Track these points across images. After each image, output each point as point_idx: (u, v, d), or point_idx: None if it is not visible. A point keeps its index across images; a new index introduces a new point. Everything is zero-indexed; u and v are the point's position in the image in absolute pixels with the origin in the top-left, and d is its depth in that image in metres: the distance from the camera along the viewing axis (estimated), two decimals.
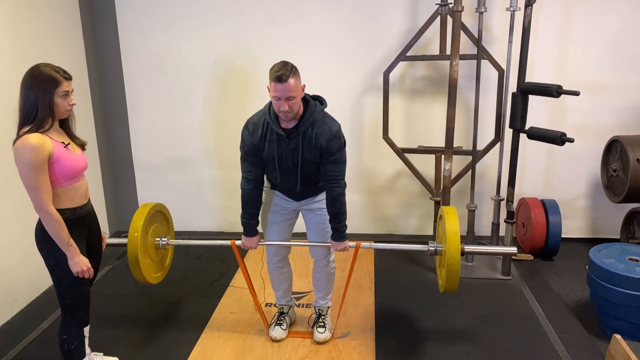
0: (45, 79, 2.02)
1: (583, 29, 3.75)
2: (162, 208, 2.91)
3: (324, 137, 2.36)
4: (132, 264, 2.63)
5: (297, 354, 2.73)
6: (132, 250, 2.60)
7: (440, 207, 2.69)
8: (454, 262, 2.42)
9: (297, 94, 2.26)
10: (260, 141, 2.42)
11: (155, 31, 4.05)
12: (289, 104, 2.25)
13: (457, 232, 2.44)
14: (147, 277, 2.70)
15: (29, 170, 1.99)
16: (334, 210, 2.52)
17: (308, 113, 2.37)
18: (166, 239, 2.84)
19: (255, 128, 2.42)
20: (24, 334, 3.00)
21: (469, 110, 3.88)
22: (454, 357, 2.69)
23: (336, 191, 2.46)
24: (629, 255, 2.84)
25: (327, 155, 2.40)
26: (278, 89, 2.22)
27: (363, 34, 3.92)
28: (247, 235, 2.66)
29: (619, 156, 3.56)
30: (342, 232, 2.57)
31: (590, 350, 2.73)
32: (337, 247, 2.60)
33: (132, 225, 2.63)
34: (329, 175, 2.44)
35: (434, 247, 2.65)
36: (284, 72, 2.21)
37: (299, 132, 2.37)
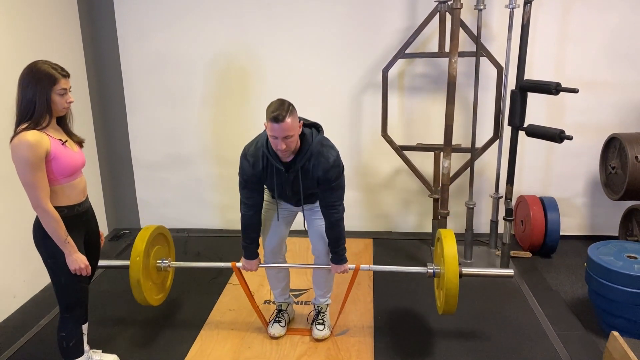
0: (42, 76, 2.01)
1: (582, 26, 3.75)
2: (164, 230, 2.95)
3: (321, 168, 2.39)
4: (135, 288, 2.67)
5: (295, 351, 2.73)
6: (135, 274, 2.64)
7: (438, 230, 2.75)
8: (452, 287, 2.48)
9: (294, 132, 2.26)
10: (261, 172, 2.45)
11: (154, 28, 4.04)
12: (287, 143, 2.26)
13: (456, 257, 2.51)
14: (149, 300, 2.74)
15: (26, 168, 1.98)
16: (333, 235, 2.57)
17: (305, 147, 2.38)
18: (167, 261, 2.88)
19: (256, 160, 2.43)
20: (22, 331, 3.00)
21: (468, 107, 3.88)
22: (453, 355, 2.69)
23: (335, 217, 2.50)
24: (627, 253, 2.85)
25: (325, 184, 2.43)
26: (275, 129, 2.22)
27: (362, 31, 3.91)
28: (247, 259, 2.71)
29: (617, 154, 3.56)
30: (342, 255, 2.63)
31: (589, 348, 2.74)
32: (336, 270, 2.66)
33: (134, 249, 2.67)
34: (327, 201, 2.48)
35: (432, 270, 2.71)
36: (280, 113, 2.20)
37: (297, 167, 2.40)
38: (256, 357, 2.68)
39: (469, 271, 2.67)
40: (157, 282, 2.85)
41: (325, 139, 2.46)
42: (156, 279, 2.84)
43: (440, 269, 2.66)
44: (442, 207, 3.57)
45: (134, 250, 2.66)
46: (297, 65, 4.01)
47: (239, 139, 4.26)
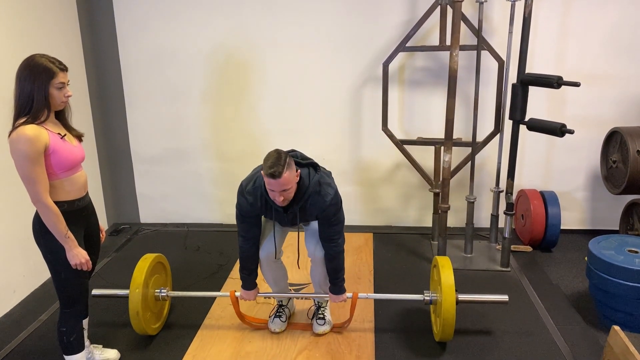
0: (40, 70, 2.00)
1: (583, 20, 3.73)
2: (162, 259, 2.97)
3: (318, 207, 2.41)
4: (134, 319, 2.68)
5: (296, 346, 2.73)
6: (134, 307, 2.65)
7: (434, 257, 2.79)
8: (449, 316, 2.52)
9: (291, 185, 2.27)
10: (260, 209, 2.47)
11: (153, 22, 4.01)
12: (284, 195, 2.28)
13: (452, 286, 2.55)
14: (147, 330, 2.75)
15: (25, 162, 1.97)
16: (332, 266, 2.60)
17: (302, 190, 2.38)
18: (165, 290, 2.89)
19: (254, 200, 2.43)
20: (22, 326, 3.00)
21: (469, 101, 3.87)
22: (453, 348, 2.70)
23: (334, 250, 2.53)
24: (628, 247, 2.84)
25: (324, 220, 2.47)
26: (272, 184, 2.23)
27: (362, 25, 3.89)
28: (246, 289, 2.74)
29: (618, 147, 3.55)
30: (341, 286, 2.68)
31: (589, 342, 2.74)
32: (335, 299, 2.71)
33: (132, 281, 2.68)
34: (326, 235, 2.51)
35: (429, 297, 2.76)
36: (276, 169, 2.18)
37: (295, 210, 2.42)
38: (257, 352, 2.68)
39: (465, 298, 2.72)
40: (155, 312, 2.87)
41: (323, 177, 2.46)
42: (154, 309, 2.85)
43: (437, 296, 2.71)
44: (443, 201, 3.56)
45: (132, 283, 2.68)
46: (297, 59, 3.99)
47: (239, 133, 4.29)
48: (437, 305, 2.72)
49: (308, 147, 2.89)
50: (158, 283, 2.89)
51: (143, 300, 2.67)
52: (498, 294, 2.85)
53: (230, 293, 2.80)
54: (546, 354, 2.64)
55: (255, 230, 2.57)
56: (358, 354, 2.66)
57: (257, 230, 2.57)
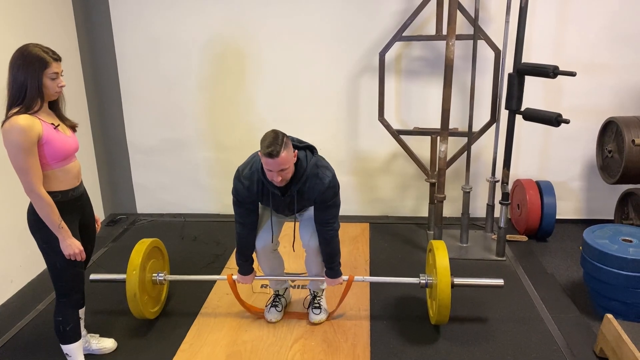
0: (34, 59, 1.99)
1: (581, 8, 3.71)
2: (159, 244, 2.96)
3: (317, 190, 2.41)
4: (131, 302, 2.68)
5: (292, 335, 2.75)
6: (131, 289, 2.65)
7: (430, 242, 2.80)
8: (444, 297, 2.54)
9: (289, 165, 2.27)
10: (256, 195, 2.47)
11: (148, 11, 3.98)
12: (282, 175, 2.27)
13: (447, 268, 2.57)
14: (145, 314, 2.75)
15: (18, 152, 1.97)
16: (328, 250, 2.60)
17: (300, 171, 2.38)
18: (163, 274, 2.89)
19: (251, 184, 2.43)
20: (19, 315, 3.01)
21: (465, 91, 3.86)
22: (449, 338, 2.71)
23: (330, 234, 2.54)
24: (622, 236, 2.86)
25: (321, 204, 2.46)
26: (270, 164, 2.23)
27: (359, 14, 3.87)
28: (243, 274, 2.76)
29: (614, 137, 3.56)
30: (337, 270, 2.68)
31: (583, 330, 2.76)
32: (331, 283, 2.72)
33: (130, 263, 2.68)
34: (322, 219, 2.51)
35: (425, 281, 2.77)
36: (274, 148, 2.18)
37: (292, 192, 2.41)
38: (253, 341, 2.70)
39: (460, 281, 2.73)
40: (152, 296, 2.87)
41: (320, 160, 2.47)
42: (152, 293, 2.86)
43: (432, 279, 2.73)
44: (439, 191, 3.57)
45: (129, 265, 2.68)
46: (293, 48, 3.98)
47: (236, 123, 4.28)
48: (432, 289, 2.74)
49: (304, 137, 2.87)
50: (155, 267, 2.88)
51: (140, 283, 2.67)
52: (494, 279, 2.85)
53: (227, 277, 2.81)
54: (540, 342, 2.66)
55: (253, 217, 2.57)
56: (354, 342, 2.68)
57: (254, 217, 2.57)
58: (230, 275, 2.81)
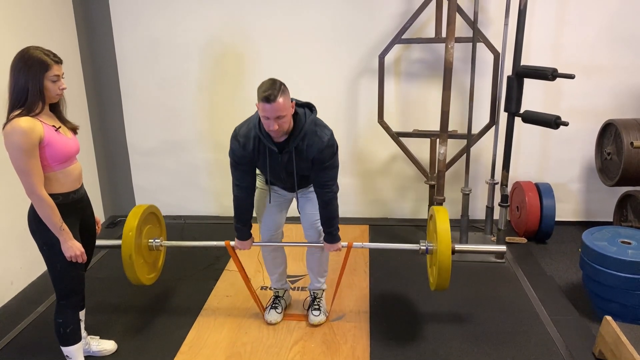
0: (35, 62, 1.99)
1: (579, 10, 3.73)
2: (155, 210, 2.93)
3: (316, 148, 2.35)
4: (126, 264, 2.65)
5: (292, 337, 2.75)
6: (126, 250, 2.62)
7: (431, 207, 2.72)
8: (445, 260, 2.46)
9: (286, 112, 2.22)
10: (252, 154, 2.41)
11: (148, 13, 4.00)
12: (279, 123, 2.22)
13: (448, 231, 2.49)
14: (140, 278, 2.72)
15: (19, 155, 1.97)
16: (325, 214, 2.55)
17: (298, 127, 2.34)
18: (159, 240, 2.86)
19: (246, 141, 2.39)
20: (20, 318, 3.01)
21: (464, 93, 3.87)
22: (448, 339, 2.72)
23: (328, 196, 2.48)
24: (621, 238, 2.87)
25: (320, 164, 2.40)
26: (267, 109, 2.18)
27: (358, 16, 3.88)
28: (240, 239, 2.72)
29: (613, 139, 3.57)
30: (335, 234, 2.63)
31: (582, 332, 2.77)
32: (330, 248, 2.67)
33: (126, 225, 2.65)
34: (320, 181, 2.45)
35: (425, 247, 2.70)
36: (271, 92, 2.16)
37: (290, 147, 2.36)
38: (253, 343, 2.71)
39: (461, 247, 2.66)
40: (149, 262, 2.82)
41: (319, 119, 2.43)
42: (148, 258, 2.81)
43: (433, 245, 2.64)
44: (438, 193, 3.58)
45: (125, 227, 2.62)
46: (292, 51, 3.98)
47: (235, 124, 4.23)
48: (433, 255, 2.66)
49: None
50: (152, 233, 2.84)
51: (136, 247, 2.63)
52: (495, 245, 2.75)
53: (225, 243, 2.76)
54: (540, 344, 2.67)
55: (249, 179, 2.51)
56: (353, 344, 2.68)
57: (250, 179, 2.51)
58: (228, 242, 2.76)
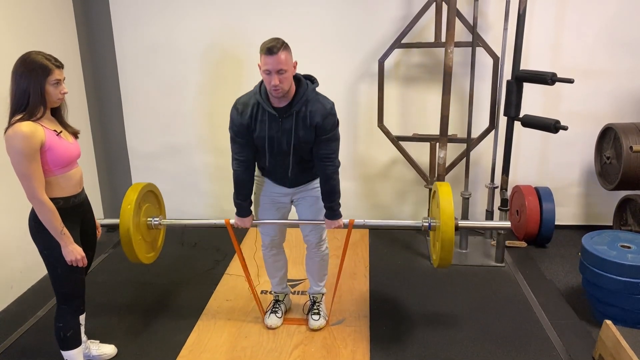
0: (36, 67, 2.00)
1: (578, 15, 3.74)
2: (154, 188, 2.87)
3: (319, 114, 2.32)
4: (125, 242, 2.58)
5: (292, 341, 2.75)
6: (125, 227, 2.55)
7: (434, 183, 2.66)
8: (448, 234, 2.39)
9: (288, 68, 2.21)
10: (249, 121, 2.36)
11: (149, 17, 4.01)
12: (280, 78, 2.19)
13: (451, 205, 2.42)
14: (139, 256, 2.66)
15: (21, 159, 1.98)
16: (327, 188, 2.48)
17: (301, 91, 2.32)
18: (158, 218, 2.81)
19: (245, 107, 2.36)
20: (20, 322, 3.01)
21: (464, 98, 3.88)
22: (448, 344, 2.72)
23: (330, 169, 2.43)
24: (621, 242, 2.87)
25: (322, 134, 2.35)
26: (269, 62, 2.17)
27: (358, 21, 3.90)
28: (240, 216, 2.64)
29: (612, 144, 3.57)
30: (336, 210, 2.56)
31: (582, 336, 2.77)
32: (331, 225, 2.58)
33: (124, 202, 2.58)
34: (322, 153, 2.40)
35: (428, 223, 2.62)
36: (274, 45, 2.17)
37: (292, 111, 2.31)
38: (253, 347, 2.70)
39: (465, 224, 2.58)
40: (147, 240, 2.78)
41: (319, 92, 2.42)
42: (147, 237, 2.76)
43: (436, 222, 2.57)
44: None
45: (124, 204, 2.56)
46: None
47: None
48: (436, 231, 2.59)
49: None
50: (150, 212, 2.79)
51: (134, 224, 2.58)
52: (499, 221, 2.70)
53: (225, 221, 2.71)
54: (540, 348, 2.67)
55: (248, 152, 2.46)
56: (353, 348, 2.68)
57: (249, 152, 2.46)
58: (228, 219, 2.71)
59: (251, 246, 3.78)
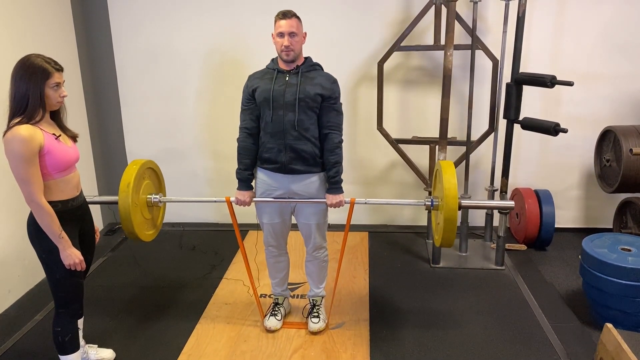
0: (36, 70, 2.00)
1: (577, 18, 3.75)
2: (153, 165, 2.84)
3: (325, 79, 2.50)
4: (124, 219, 2.55)
5: (291, 345, 2.74)
6: (124, 204, 2.52)
7: (437, 162, 2.62)
8: (451, 212, 2.36)
9: (299, 32, 2.44)
10: (257, 82, 2.53)
11: (148, 21, 4.01)
12: (291, 41, 2.41)
13: (455, 183, 2.40)
14: (138, 234, 2.63)
15: (19, 162, 1.97)
16: (332, 158, 2.54)
17: (308, 60, 2.55)
18: (158, 196, 2.79)
19: (257, 74, 2.58)
20: (17, 326, 2.99)
21: (463, 100, 3.88)
22: (448, 347, 2.71)
23: (337, 138, 2.55)
24: (621, 245, 2.86)
25: (329, 100, 2.49)
26: (282, 25, 2.41)
27: (357, 24, 3.90)
28: (241, 189, 2.64)
29: (612, 146, 3.57)
30: (338, 183, 2.59)
31: (583, 340, 2.76)
32: (332, 200, 2.58)
33: (122, 179, 2.55)
34: (330, 123, 2.53)
35: (431, 201, 2.59)
36: (289, 11, 2.43)
37: (299, 69, 2.49)
38: (252, 351, 2.69)
39: (468, 203, 2.61)
40: (147, 218, 2.75)
41: None
42: (147, 214, 2.74)
43: (438, 200, 2.54)
44: None
45: (122, 181, 2.52)
46: None
47: (234, 132, 4.25)
48: (439, 210, 2.54)
49: None
50: (150, 189, 2.77)
51: (133, 201, 2.55)
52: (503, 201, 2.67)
53: (225, 199, 2.71)
54: (540, 351, 2.66)
55: (254, 123, 2.58)
56: (353, 352, 2.67)
57: (255, 124, 2.58)
58: (228, 197, 2.70)
59: (251, 249, 3.77)
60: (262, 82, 2.51)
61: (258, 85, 2.51)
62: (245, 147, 2.60)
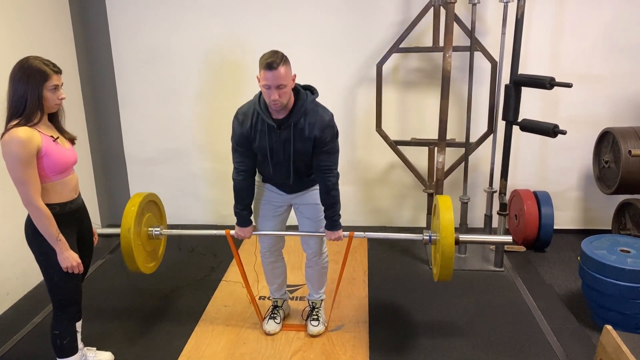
0: (34, 72, 1.99)
1: (576, 20, 3.75)
2: (155, 198, 2.87)
3: (317, 126, 2.33)
4: (126, 254, 2.58)
5: (290, 347, 2.73)
6: (125, 239, 2.56)
7: (435, 197, 2.66)
8: (448, 249, 2.39)
9: (287, 82, 2.22)
10: (250, 131, 2.38)
11: (146, 22, 4.00)
12: (279, 93, 2.21)
13: (452, 221, 2.42)
14: (140, 267, 2.66)
15: (17, 165, 1.96)
16: (328, 200, 2.49)
17: (299, 104, 2.33)
18: (159, 228, 2.80)
19: (245, 118, 2.38)
20: (15, 328, 2.98)
21: (462, 102, 3.88)
22: (447, 349, 2.70)
23: (331, 181, 2.44)
24: (620, 247, 2.86)
25: (321, 146, 2.36)
26: (268, 77, 2.18)
27: (356, 25, 3.90)
28: (240, 226, 2.64)
29: (610, 148, 3.58)
30: (337, 221, 2.56)
31: (582, 341, 2.76)
32: (331, 236, 2.57)
33: (124, 214, 2.58)
34: (322, 165, 2.41)
35: (429, 236, 2.62)
36: (274, 60, 2.17)
37: (290, 122, 2.32)
38: (251, 353, 2.68)
39: (465, 237, 2.59)
40: (148, 250, 2.78)
41: (319, 103, 2.42)
42: (148, 247, 2.76)
43: (436, 235, 2.57)
44: None
45: (124, 216, 2.56)
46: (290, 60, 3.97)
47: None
48: (436, 245, 2.58)
49: None
50: (151, 222, 2.78)
51: (135, 235, 2.57)
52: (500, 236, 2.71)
53: (225, 232, 2.70)
54: (540, 353, 2.66)
55: (247, 162, 2.47)
56: (352, 354, 2.66)
57: (249, 162, 2.48)
58: (228, 230, 2.70)
59: (250, 253, 3.75)
60: (256, 134, 2.38)
61: (254, 137, 2.39)
62: (243, 188, 2.54)
